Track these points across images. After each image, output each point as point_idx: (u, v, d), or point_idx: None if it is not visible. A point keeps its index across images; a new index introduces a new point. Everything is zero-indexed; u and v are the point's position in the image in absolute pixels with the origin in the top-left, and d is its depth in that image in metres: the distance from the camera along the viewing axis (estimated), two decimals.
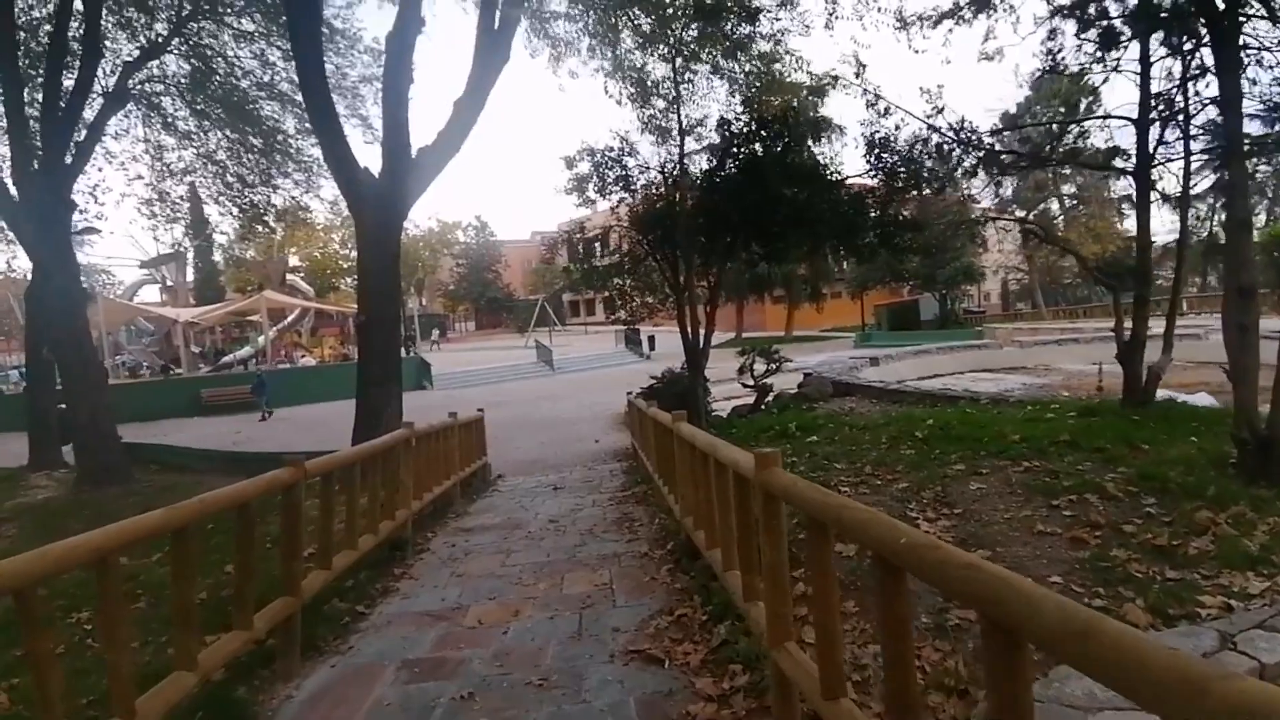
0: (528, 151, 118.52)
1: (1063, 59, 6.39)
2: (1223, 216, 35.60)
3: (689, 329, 10.38)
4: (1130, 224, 38.92)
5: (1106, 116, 6.42)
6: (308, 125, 12.79)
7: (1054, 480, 4.97)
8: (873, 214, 8.65)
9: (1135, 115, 6.19)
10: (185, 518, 2.83)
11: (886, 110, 8.34)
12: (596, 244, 12.36)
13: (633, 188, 11.05)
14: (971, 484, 5.22)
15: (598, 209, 12.05)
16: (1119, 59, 6.34)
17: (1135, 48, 6.20)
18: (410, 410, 8.32)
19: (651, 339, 36.28)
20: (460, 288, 63.71)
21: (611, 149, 10.90)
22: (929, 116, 6.99)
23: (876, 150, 8.53)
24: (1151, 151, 6.24)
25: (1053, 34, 6.31)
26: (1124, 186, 29.92)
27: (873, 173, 8.67)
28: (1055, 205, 37.69)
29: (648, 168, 11.03)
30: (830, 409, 9.87)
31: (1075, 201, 36.03)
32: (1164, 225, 40.77)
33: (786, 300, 37.20)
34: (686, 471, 4.93)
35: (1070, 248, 7.45)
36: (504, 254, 65.58)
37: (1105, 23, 5.88)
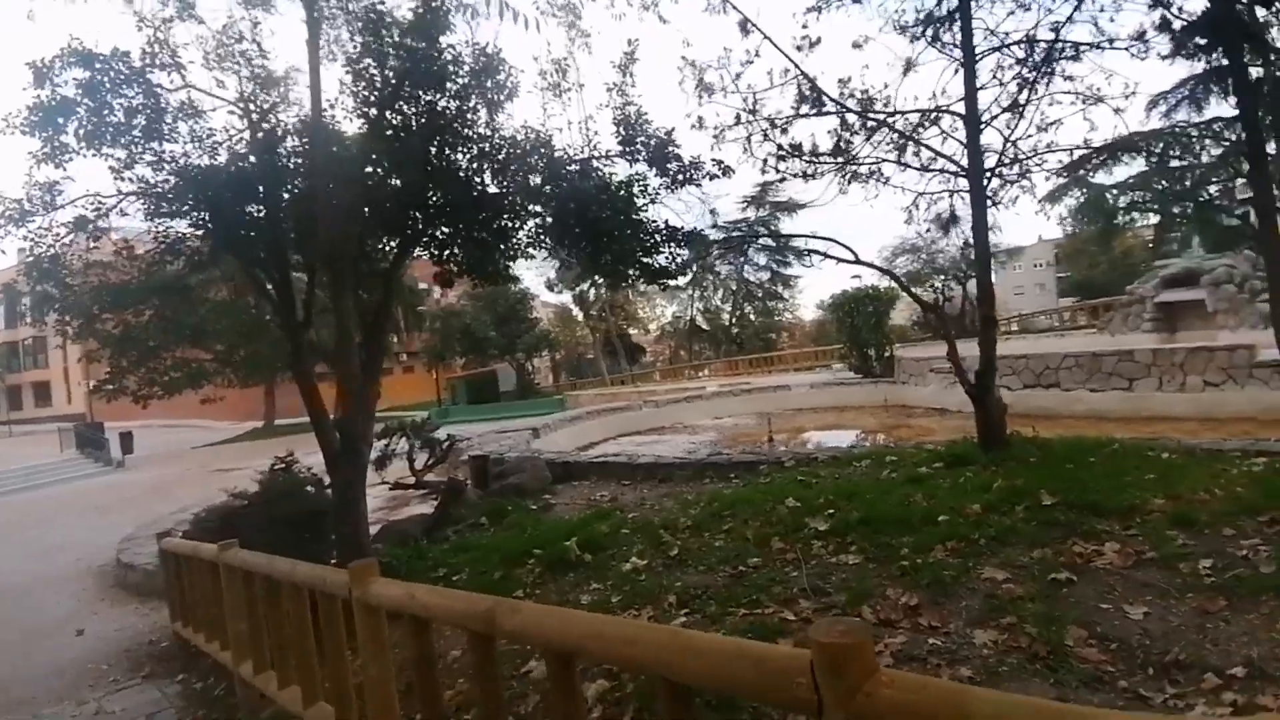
0: None
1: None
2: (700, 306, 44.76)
3: (317, 398, 5.68)
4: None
5: (927, 111, 5.42)
6: None
7: (1208, 573, 3.01)
8: (625, 216, 6.00)
9: (963, 109, 5.31)
10: None
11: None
12: (88, 241, 6.18)
13: (171, 135, 5.85)
14: (1110, 604, 2.88)
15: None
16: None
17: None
18: None
19: (127, 437, 25.17)
20: None
21: (127, 58, 5.56)
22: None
23: (627, 130, 6.01)
24: (994, 152, 5.42)
25: None
26: None
27: (628, 159, 6.07)
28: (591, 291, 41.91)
29: (196, 111, 5.98)
30: (571, 503, 6.51)
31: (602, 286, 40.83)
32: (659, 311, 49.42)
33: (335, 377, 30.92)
34: None
35: (917, 298, 6.53)
36: None
37: None
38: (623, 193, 6.08)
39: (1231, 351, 9.87)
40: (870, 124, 5.37)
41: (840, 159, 5.48)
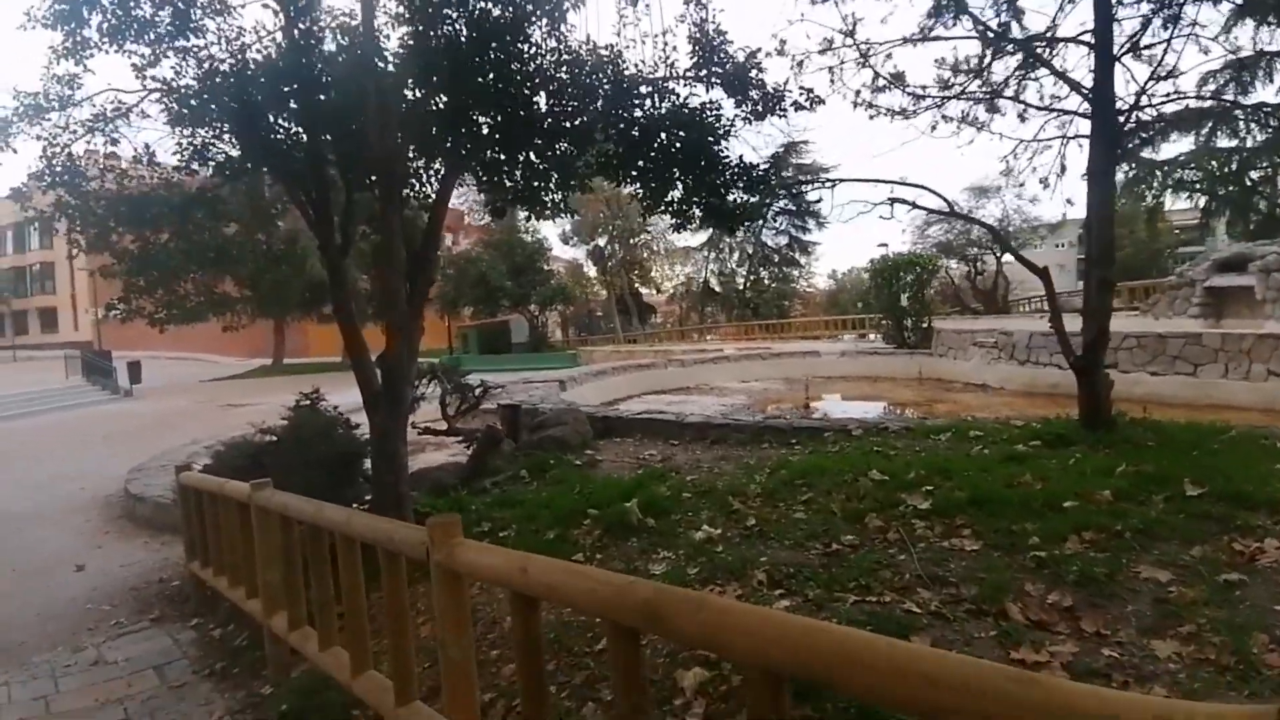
0: None
1: None
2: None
3: (357, 333, 5.19)
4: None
5: (1053, 39, 4.74)
6: None
7: None
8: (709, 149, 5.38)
9: (1091, 38, 4.67)
10: None
11: None
12: (104, 146, 5.63)
13: (199, 31, 5.27)
14: None
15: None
16: None
17: None
18: None
19: (135, 366, 24.86)
20: None
21: None
22: None
23: (704, 50, 5.36)
24: (1137, 86, 4.77)
25: None
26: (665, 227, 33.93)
27: (704, 83, 5.45)
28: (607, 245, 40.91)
29: (226, 6, 5.38)
30: (618, 460, 6.09)
31: (617, 243, 39.82)
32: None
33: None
34: None
35: (1025, 260, 5.85)
36: None
37: None
38: (699, 119, 5.46)
39: None
40: (1007, 46, 4.72)
41: (950, 92, 4.84)
